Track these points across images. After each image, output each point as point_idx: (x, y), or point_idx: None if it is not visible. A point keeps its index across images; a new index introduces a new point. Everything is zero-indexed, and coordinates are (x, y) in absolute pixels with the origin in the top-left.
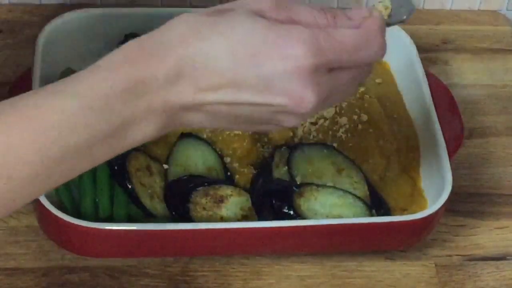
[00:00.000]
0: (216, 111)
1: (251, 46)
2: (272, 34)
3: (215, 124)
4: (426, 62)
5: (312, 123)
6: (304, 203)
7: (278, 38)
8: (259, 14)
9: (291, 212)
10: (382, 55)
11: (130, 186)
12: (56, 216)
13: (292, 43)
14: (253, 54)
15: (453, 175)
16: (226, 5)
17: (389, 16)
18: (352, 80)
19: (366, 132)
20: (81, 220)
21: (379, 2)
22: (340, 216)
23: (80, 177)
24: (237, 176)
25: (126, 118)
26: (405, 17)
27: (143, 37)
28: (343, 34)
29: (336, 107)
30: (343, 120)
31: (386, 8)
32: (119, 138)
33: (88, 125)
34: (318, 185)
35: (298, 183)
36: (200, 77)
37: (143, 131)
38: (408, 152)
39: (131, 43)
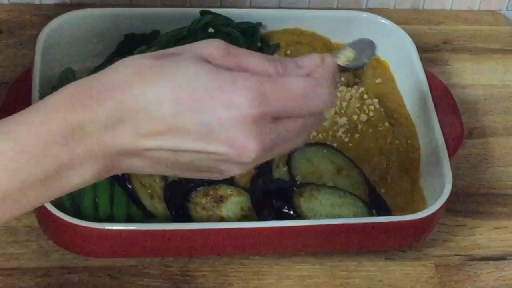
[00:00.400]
0: (158, 157)
1: (195, 92)
2: (217, 80)
3: (157, 170)
4: (426, 62)
5: None
6: (304, 203)
7: (223, 85)
8: (207, 60)
9: (291, 212)
10: (331, 104)
11: (130, 186)
12: (56, 216)
13: (237, 91)
14: (196, 100)
15: (453, 175)
16: (174, 49)
17: (351, 61)
18: (300, 129)
19: (366, 132)
20: (81, 220)
21: (343, 49)
22: (340, 216)
23: None
24: (237, 176)
25: (62, 163)
26: (366, 61)
27: (87, 78)
28: (290, 83)
29: (336, 107)
30: (343, 120)
31: (347, 55)
32: (55, 182)
33: (22, 169)
34: (318, 185)
35: (298, 183)
36: (141, 122)
37: (81, 176)
38: (408, 152)
39: (73, 85)
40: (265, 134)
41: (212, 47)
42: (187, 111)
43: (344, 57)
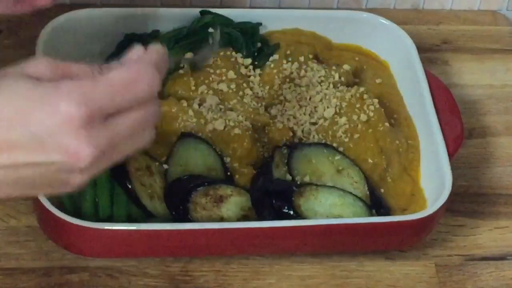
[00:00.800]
0: (2, 178)
1: (19, 106)
2: (39, 90)
3: (5, 192)
4: (426, 62)
5: (312, 123)
6: (304, 203)
7: (45, 94)
8: (32, 75)
9: (291, 212)
10: (157, 85)
11: (130, 186)
12: (56, 216)
13: (59, 97)
14: (22, 112)
15: (453, 175)
16: (4, 71)
17: None
18: (139, 123)
19: (366, 132)
20: (81, 220)
21: None
22: (340, 216)
23: None
24: (237, 176)
25: None
26: None
27: None
28: (111, 76)
29: (336, 107)
30: (343, 120)
31: None
32: None
33: None
34: (318, 185)
35: (298, 183)
36: None
37: None
38: (408, 152)
39: None
40: (98, 135)
41: (37, 64)
42: (14, 124)
43: None
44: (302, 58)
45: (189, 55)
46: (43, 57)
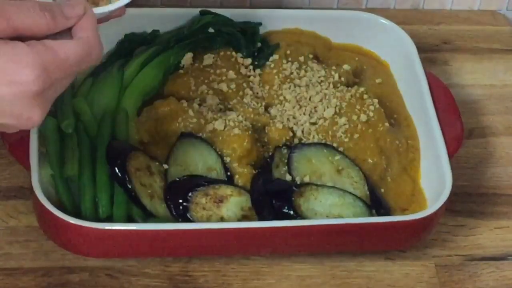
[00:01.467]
0: None
1: None
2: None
3: None
4: (426, 62)
5: (312, 123)
6: (304, 203)
7: (6, 63)
8: None
9: (291, 212)
10: (99, 60)
11: (130, 186)
12: (56, 216)
13: (18, 68)
14: None
15: (453, 175)
16: None
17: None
18: (70, 82)
19: (366, 132)
20: (81, 220)
21: None
22: (340, 216)
23: (80, 177)
24: (237, 176)
25: None
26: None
27: None
28: (67, 51)
29: (335, 107)
30: (343, 120)
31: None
32: None
33: None
34: (318, 185)
35: (298, 183)
36: None
37: None
38: (408, 152)
39: None
40: (46, 101)
41: None
42: None
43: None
44: (302, 58)
45: (189, 55)
46: None
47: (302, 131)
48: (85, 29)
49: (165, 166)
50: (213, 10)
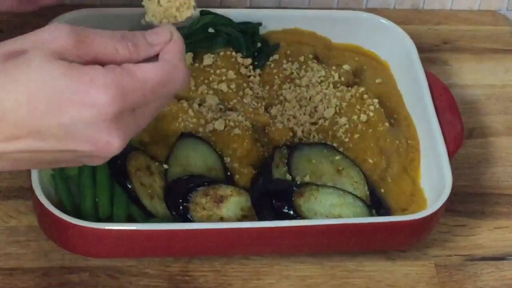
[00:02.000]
0: (18, 158)
1: (51, 95)
2: (73, 80)
3: (18, 167)
4: (426, 62)
5: (312, 123)
6: (304, 203)
7: (79, 84)
8: (58, 54)
9: (291, 212)
10: (186, 83)
11: (130, 186)
12: (56, 216)
13: (95, 90)
14: (54, 103)
15: (453, 175)
16: (21, 44)
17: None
18: (156, 111)
19: (366, 132)
20: (81, 220)
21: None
22: (340, 216)
23: (80, 177)
24: (237, 176)
25: None
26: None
27: None
28: (146, 73)
29: (336, 107)
30: (343, 120)
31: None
32: None
33: None
34: (318, 185)
35: (298, 183)
36: None
37: None
38: (408, 152)
39: None
40: (126, 126)
41: (62, 39)
42: (45, 114)
43: (189, 13)
44: (302, 58)
45: (189, 55)
46: (62, 27)
47: (302, 131)
48: (168, 52)
49: (165, 166)
50: (213, 10)
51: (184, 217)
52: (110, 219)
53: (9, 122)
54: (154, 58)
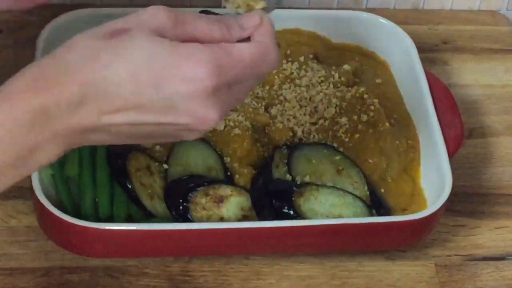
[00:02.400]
0: (120, 131)
1: (153, 69)
2: (173, 55)
3: (117, 141)
4: (426, 62)
5: (312, 123)
6: (304, 203)
7: (180, 59)
8: (158, 32)
9: (291, 212)
10: (278, 66)
11: (130, 186)
12: (56, 216)
13: (194, 65)
14: (155, 77)
15: (453, 175)
16: (123, 23)
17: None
18: (249, 89)
19: (366, 132)
20: (81, 220)
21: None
22: (340, 216)
23: (80, 177)
24: (237, 176)
25: (31, 147)
26: (276, 5)
27: (43, 61)
28: (241, 51)
29: (336, 107)
30: (343, 120)
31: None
32: (24, 165)
33: None
34: (318, 185)
35: (298, 183)
36: (103, 102)
37: (47, 155)
38: (408, 152)
39: (32, 68)
40: (222, 101)
41: (161, 18)
42: (147, 88)
43: (263, 4)
44: (302, 58)
45: None
46: (161, 8)
47: (302, 131)
48: (261, 35)
49: (165, 166)
50: (213, 10)
51: (184, 217)
52: (110, 219)
53: (114, 96)
54: (246, 40)
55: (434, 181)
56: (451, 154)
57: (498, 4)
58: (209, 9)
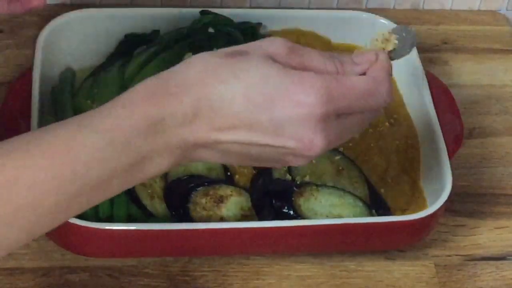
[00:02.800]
0: (228, 150)
1: (266, 91)
2: (286, 80)
3: (225, 161)
4: (426, 62)
5: None
6: (304, 203)
7: (292, 84)
8: (273, 58)
9: (291, 212)
10: (390, 100)
11: None
12: None
13: (305, 90)
14: (267, 98)
15: (453, 175)
16: (242, 47)
17: (393, 51)
18: (360, 123)
19: (366, 132)
20: (81, 220)
21: (381, 33)
22: (340, 216)
23: None
24: (237, 176)
25: (144, 154)
26: (408, 50)
27: (163, 74)
28: (353, 82)
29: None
30: None
31: (387, 40)
32: (136, 172)
33: (110, 160)
34: (318, 185)
35: (298, 183)
36: (215, 117)
37: (158, 165)
38: (408, 152)
39: (152, 80)
40: (330, 130)
41: (278, 46)
42: (258, 108)
43: (391, 47)
44: None
45: (189, 55)
46: (278, 39)
47: None
48: (375, 70)
49: None
50: (213, 10)
51: (184, 217)
52: (110, 219)
53: (227, 112)
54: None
55: (434, 181)
56: (451, 154)
57: (498, 4)
58: (209, 9)
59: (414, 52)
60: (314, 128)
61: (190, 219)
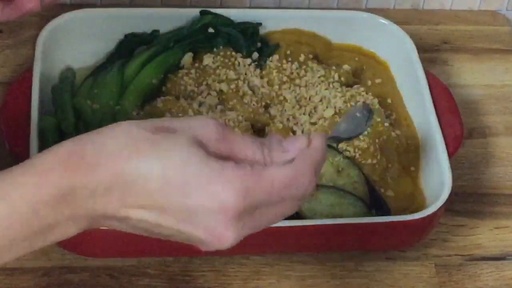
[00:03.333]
0: (137, 226)
1: (184, 176)
2: (206, 169)
3: (133, 232)
4: (426, 62)
5: (312, 123)
6: (304, 203)
7: (211, 174)
8: (201, 142)
9: None
10: (310, 194)
11: None
12: None
13: (223, 183)
14: (184, 184)
15: (453, 175)
16: (172, 123)
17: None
18: (280, 212)
19: (366, 132)
20: None
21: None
22: (340, 216)
23: None
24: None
25: (49, 223)
26: (364, 128)
27: (83, 138)
28: (274, 175)
29: (335, 107)
30: None
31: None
32: (38, 238)
33: (12, 229)
34: (318, 185)
35: None
36: (128, 194)
37: (63, 233)
38: (408, 152)
39: (68, 145)
40: (244, 225)
41: (208, 130)
42: (174, 192)
43: (341, 130)
44: (302, 58)
45: (189, 55)
46: (212, 122)
47: (302, 131)
48: (300, 159)
49: None
50: (213, 10)
51: None
52: None
53: (140, 190)
54: (290, 160)
55: (434, 181)
56: (451, 154)
57: (498, 4)
58: (209, 9)
59: (414, 53)
60: (226, 223)
61: None
